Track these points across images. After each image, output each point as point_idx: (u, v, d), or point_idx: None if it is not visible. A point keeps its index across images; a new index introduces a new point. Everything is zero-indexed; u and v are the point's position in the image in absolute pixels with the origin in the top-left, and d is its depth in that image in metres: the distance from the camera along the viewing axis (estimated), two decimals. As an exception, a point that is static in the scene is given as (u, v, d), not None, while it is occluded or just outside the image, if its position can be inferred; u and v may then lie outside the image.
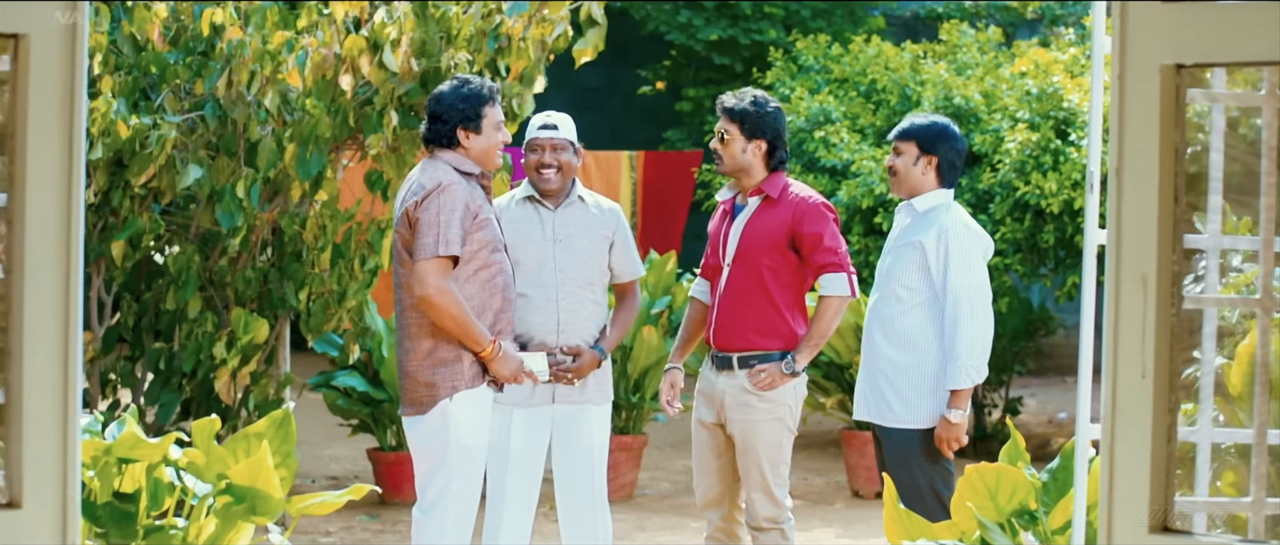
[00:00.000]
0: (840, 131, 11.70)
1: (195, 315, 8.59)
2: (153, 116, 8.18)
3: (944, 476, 6.50)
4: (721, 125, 6.80)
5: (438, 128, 6.37)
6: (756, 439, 6.73)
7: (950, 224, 6.47)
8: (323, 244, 8.71)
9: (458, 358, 6.28)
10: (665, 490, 10.88)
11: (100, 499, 5.67)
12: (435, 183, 6.21)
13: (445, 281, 6.17)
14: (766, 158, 6.78)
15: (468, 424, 6.31)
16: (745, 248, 6.76)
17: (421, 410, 6.32)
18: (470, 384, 6.29)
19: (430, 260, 6.16)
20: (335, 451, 11.85)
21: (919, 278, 6.51)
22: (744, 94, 6.82)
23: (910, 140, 6.61)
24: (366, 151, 8.43)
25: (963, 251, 6.43)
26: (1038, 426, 13.96)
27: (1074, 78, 11.52)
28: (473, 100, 6.35)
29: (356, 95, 8.34)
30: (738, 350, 6.77)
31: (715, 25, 15.79)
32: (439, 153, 6.38)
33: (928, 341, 6.50)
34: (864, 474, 10.64)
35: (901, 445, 6.52)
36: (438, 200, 6.18)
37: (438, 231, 6.15)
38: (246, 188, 8.22)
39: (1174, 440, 2.69)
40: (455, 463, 6.29)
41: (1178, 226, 2.67)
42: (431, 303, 6.18)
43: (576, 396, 6.88)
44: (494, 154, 6.42)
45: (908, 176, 6.61)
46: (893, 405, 6.54)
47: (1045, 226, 11.20)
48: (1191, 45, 2.62)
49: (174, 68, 8.41)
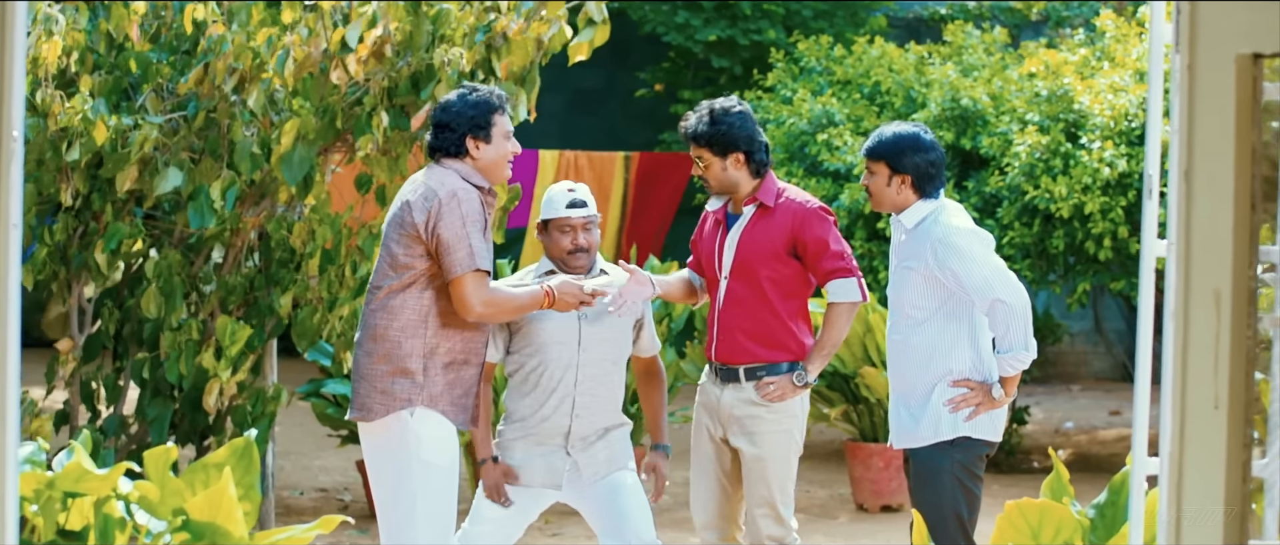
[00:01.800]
0: (843, 134, 11.45)
1: (179, 324, 8.28)
2: (134, 117, 7.91)
3: (969, 500, 6.23)
4: (693, 152, 6.55)
5: (445, 136, 5.99)
6: (766, 453, 6.46)
7: (941, 235, 6.22)
8: (311, 250, 8.42)
9: (418, 371, 5.92)
10: (664, 503, 10.58)
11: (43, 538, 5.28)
12: (450, 191, 5.86)
13: (487, 292, 5.87)
14: (747, 167, 6.51)
15: (429, 441, 5.93)
16: (743, 259, 6.50)
17: (371, 416, 5.94)
18: (427, 405, 5.93)
19: (467, 277, 5.84)
20: (325, 462, 11.58)
21: (925, 296, 6.26)
22: (700, 112, 6.53)
23: (879, 160, 6.35)
24: (355, 153, 8.12)
25: (962, 255, 6.17)
26: (1043, 436, 13.71)
27: (1084, 79, 11.24)
28: (482, 108, 6.01)
29: (346, 95, 8.05)
30: (743, 363, 6.51)
31: (714, 26, 15.57)
32: (446, 162, 6.01)
33: (949, 348, 6.26)
34: (869, 487, 10.36)
35: (929, 463, 6.25)
36: (459, 210, 5.84)
37: (468, 246, 5.83)
38: (222, 190, 7.93)
39: (1249, 477, 2.39)
40: (419, 481, 5.90)
41: (1254, 237, 2.36)
42: (487, 317, 5.94)
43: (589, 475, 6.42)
44: (503, 165, 6.07)
45: (883, 196, 6.39)
46: (920, 422, 6.27)
47: (1054, 232, 10.94)
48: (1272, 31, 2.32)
49: (156, 66, 8.14)
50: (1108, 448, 13.32)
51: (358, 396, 5.97)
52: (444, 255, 5.83)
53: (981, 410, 6.23)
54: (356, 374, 5.99)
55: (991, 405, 6.23)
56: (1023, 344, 6.17)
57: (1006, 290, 6.15)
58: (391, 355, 5.91)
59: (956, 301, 6.23)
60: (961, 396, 6.22)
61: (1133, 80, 11.04)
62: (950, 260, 6.16)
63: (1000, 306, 6.14)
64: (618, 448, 6.46)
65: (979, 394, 6.23)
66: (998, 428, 6.31)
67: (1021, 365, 6.21)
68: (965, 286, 6.15)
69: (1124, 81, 11.03)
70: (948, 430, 6.23)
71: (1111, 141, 10.67)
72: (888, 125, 6.41)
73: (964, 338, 6.26)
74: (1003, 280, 6.17)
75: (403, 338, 5.91)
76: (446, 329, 5.94)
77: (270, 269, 8.63)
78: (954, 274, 6.15)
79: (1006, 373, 6.22)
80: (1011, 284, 6.18)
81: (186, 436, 8.68)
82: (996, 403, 6.23)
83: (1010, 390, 6.24)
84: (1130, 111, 10.77)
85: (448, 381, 5.95)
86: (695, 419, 6.69)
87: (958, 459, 6.24)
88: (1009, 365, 6.21)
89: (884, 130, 6.40)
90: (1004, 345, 6.21)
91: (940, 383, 6.24)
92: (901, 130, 6.37)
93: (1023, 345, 6.17)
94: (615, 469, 6.41)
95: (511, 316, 6.11)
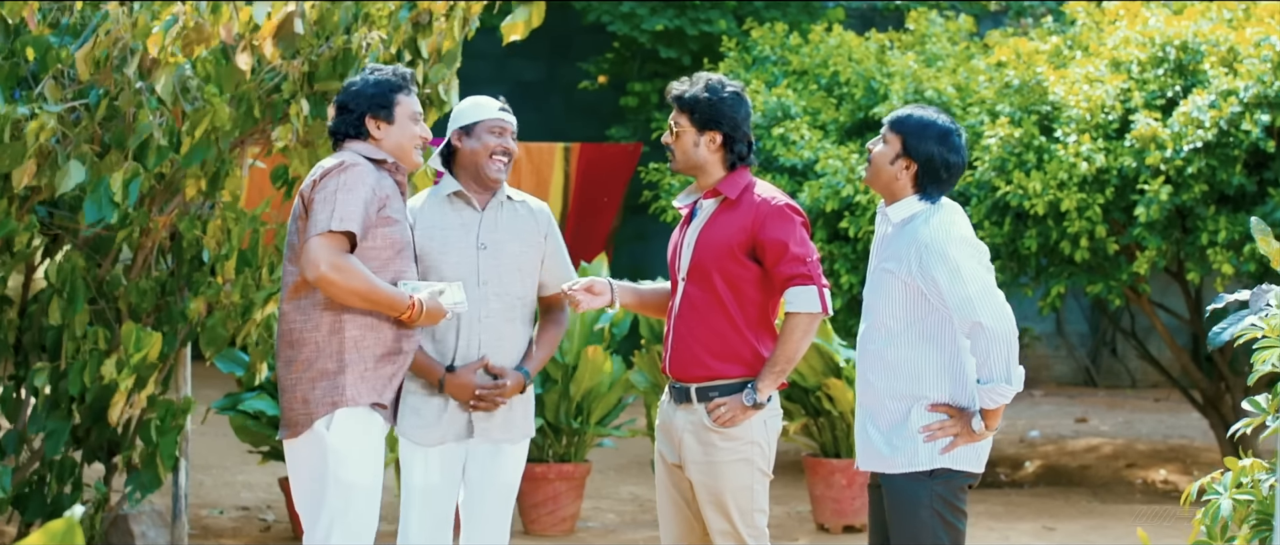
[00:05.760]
0: (800, 128, 10.84)
1: (82, 331, 7.57)
2: (30, 106, 7.16)
3: (952, 535, 5.49)
4: (672, 116, 5.84)
5: (344, 118, 5.63)
6: (721, 483, 5.74)
7: (930, 239, 5.45)
8: (227, 250, 7.72)
9: (340, 370, 5.41)
10: (610, 523, 9.94)
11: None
12: (338, 162, 5.46)
13: (340, 257, 5.33)
14: (723, 152, 5.81)
15: (348, 455, 5.43)
16: (699, 258, 5.80)
17: (296, 432, 5.47)
18: (352, 402, 5.41)
19: (321, 236, 5.33)
20: (247, 478, 10.93)
21: (904, 307, 5.49)
22: (696, 79, 5.86)
23: (898, 134, 5.58)
24: (274, 145, 7.43)
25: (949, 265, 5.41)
26: (1009, 446, 13.16)
27: (1057, 69, 10.60)
28: (383, 87, 5.62)
29: (264, 82, 7.35)
30: (695, 380, 5.79)
31: (661, 15, 15.11)
32: (348, 145, 5.60)
33: (926, 371, 5.51)
34: (831, 506, 9.72)
35: (904, 494, 5.49)
36: (337, 178, 5.40)
37: (332, 208, 5.34)
38: (123, 182, 7.20)
39: None
40: (335, 502, 5.41)
41: None
42: (329, 282, 5.33)
43: (497, 433, 5.95)
44: (409, 150, 5.62)
45: (881, 172, 5.58)
46: (894, 448, 5.51)
47: (1027, 231, 10.32)
48: None
49: (55, 51, 7.42)
50: (1077, 459, 12.74)
51: (284, 413, 5.53)
52: (309, 217, 5.38)
53: (960, 442, 5.47)
54: (280, 388, 5.53)
55: (971, 438, 5.46)
56: (1005, 375, 5.39)
57: (991, 314, 5.37)
58: (310, 360, 5.44)
59: (940, 318, 5.47)
60: (939, 424, 5.47)
61: (1109, 70, 10.41)
62: (935, 268, 5.40)
63: (981, 332, 5.36)
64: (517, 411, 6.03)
65: (958, 424, 5.46)
66: (981, 457, 5.55)
67: (1002, 399, 5.43)
68: (946, 302, 5.40)
69: (1099, 71, 10.39)
70: (924, 460, 5.47)
71: (1088, 135, 10.03)
72: (928, 108, 5.64)
73: (944, 359, 5.51)
74: (989, 302, 5.39)
75: (319, 337, 5.43)
76: (370, 317, 5.44)
77: (182, 271, 7.97)
78: (935, 284, 5.39)
79: (986, 406, 5.44)
80: (998, 308, 5.39)
81: (92, 453, 8.19)
82: (976, 436, 5.47)
83: (991, 424, 5.46)
84: (1107, 103, 10.14)
85: (383, 376, 5.48)
86: (656, 441, 5.99)
87: (937, 491, 5.49)
88: (989, 398, 5.42)
89: (923, 109, 5.64)
90: (984, 375, 5.41)
91: (916, 406, 5.50)
92: (939, 119, 5.58)
93: (1005, 377, 5.39)
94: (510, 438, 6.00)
95: (357, 300, 5.41)
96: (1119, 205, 10.18)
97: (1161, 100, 10.18)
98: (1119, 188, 10.11)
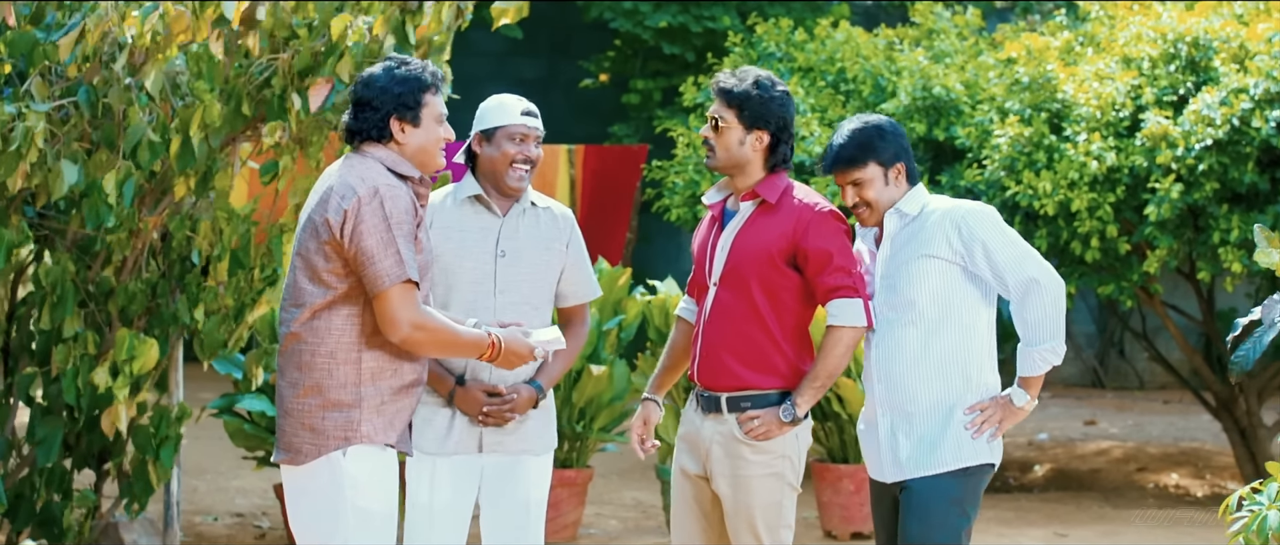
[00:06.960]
0: (811, 125, 10.61)
1: (74, 335, 7.38)
2: (17, 105, 6.97)
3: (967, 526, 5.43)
4: (715, 109, 5.60)
5: (367, 117, 5.10)
6: (750, 498, 5.53)
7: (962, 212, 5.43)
8: (219, 251, 7.53)
9: (355, 403, 5.02)
10: (612, 529, 9.79)
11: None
12: (371, 188, 4.96)
13: (418, 312, 4.95)
14: (768, 153, 5.58)
15: (367, 484, 5.04)
16: (735, 263, 5.56)
17: (301, 459, 5.05)
18: (367, 440, 5.04)
19: (394, 290, 4.93)
20: (242, 483, 10.77)
21: (946, 290, 5.41)
22: (745, 74, 5.61)
23: (864, 165, 5.50)
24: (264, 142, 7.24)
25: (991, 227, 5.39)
26: (1018, 450, 12.98)
27: (1068, 67, 10.41)
28: (411, 84, 5.10)
29: (254, 76, 7.16)
30: (726, 389, 5.57)
31: (664, 11, 14.99)
32: (367, 149, 5.12)
33: (972, 359, 5.43)
34: (838, 512, 9.57)
35: (931, 490, 5.37)
36: (382, 211, 4.94)
37: (395, 251, 4.92)
38: (117, 183, 7.01)
39: None
40: (353, 530, 5.02)
41: None
42: (416, 342, 4.98)
43: (512, 445, 5.72)
44: (434, 153, 5.15)
45: (884, 197, 5.54)
46: (938, 449, 5.41)
47: (1037, 231, 10.14)
48: None
49: (42, 47, 7.21)
50: (1087, 462, 12.58)
51: (283, 435, 5.10)
52: (366, 266, 4.93)
53: (1006, 426, 5.44)
54: (280, 408, 5.11)
55: (1016, 416, 5.43)
56: (1057, 333, 5.35)
57: (1041, 269, 5.37)
58: (321, 386, 5.02)
59: (977, 299, 5.42)
60: (982, 416, 5.41)
61: (1120, 67, 10.22)
62: (980, 232, 5.36)
63: (1036, 288, 5.34)
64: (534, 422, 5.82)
65: (998, 409, 5.41)
66: (1000, 444, 5.51)
67: (1054, 359, 5.37)
68: (994, 264, 5.35)
69: (1111, 68, 10.20)
70: (970, 457, 5.41)
71: (1099, 133, 9.85)
72: (841, 130, 5.56)
73: (983, 346, 5.47)
74: (1036, 258, 5.40)
75: (333, 365, 5.02)
76: (390, 349, 5.05)
77: (174, 273, 7.81)
78: (984, 247, 5.34)
79: (1030, 373, 5.38)
80: (1045, 264, 5.40)
81: (83, 460, 8.03)
82: (1020, 411, 5.42)
83: (1034, 392, 5.42)
84: (1118, 101, 9.95)
85: (399, 408, 5.11)
86: (676, 451, 5.76)
87: (970, 486, 5.42)
88: (1040, 360, 5.35)
89: (845, 135, 5.55)
90: (1035, 336, 5.35)
91: (960, 401, 5.41)
92: (863, 124, 5.57)
93: (1056, 335, 5.35)
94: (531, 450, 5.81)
95: (442, 352, 5.18)
96: (1130, 204, 10.00)
97: (1173, 97, 10.00)
98: (1130, 187, 9.93)
